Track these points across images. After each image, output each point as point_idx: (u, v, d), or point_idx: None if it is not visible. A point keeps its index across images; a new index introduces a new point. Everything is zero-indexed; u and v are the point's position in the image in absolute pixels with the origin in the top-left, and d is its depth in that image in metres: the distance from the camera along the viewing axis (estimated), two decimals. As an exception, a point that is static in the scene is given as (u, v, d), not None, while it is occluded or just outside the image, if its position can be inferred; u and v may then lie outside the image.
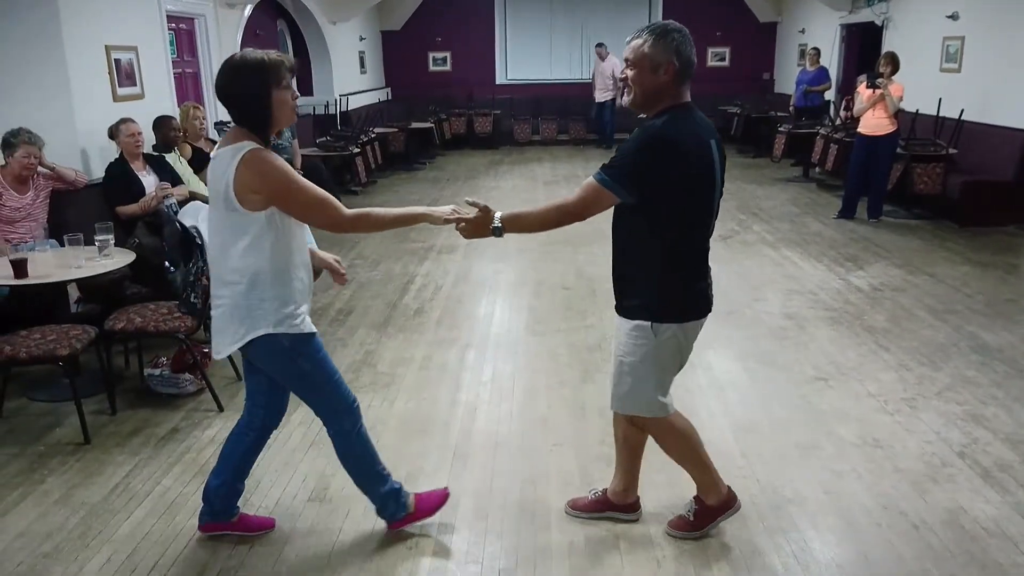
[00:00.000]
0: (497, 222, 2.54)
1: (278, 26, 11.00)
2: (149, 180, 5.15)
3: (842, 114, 9.71)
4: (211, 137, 6.54)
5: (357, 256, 6.83)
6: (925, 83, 8.62)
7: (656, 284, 2.52)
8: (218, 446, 3.52)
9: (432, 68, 15.18)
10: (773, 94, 14.21)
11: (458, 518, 2.97)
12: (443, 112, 13.75)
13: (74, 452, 3.52)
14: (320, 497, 3.13)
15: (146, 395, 4.08)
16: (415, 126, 12.46)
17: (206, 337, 4.65)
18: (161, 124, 5.66)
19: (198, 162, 5.96)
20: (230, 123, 8.12)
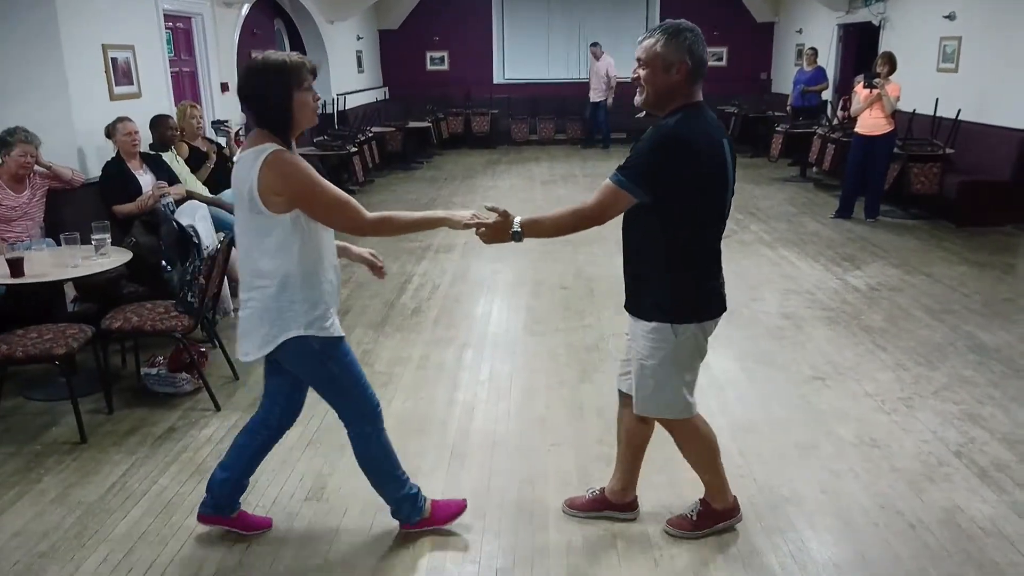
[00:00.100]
0: (516, 227, 2.53)
1: (275, 25, 10.98)
2: (146, 179, 5.14)
3: (839, 114, 9.71)
4: (208, 136, 6.53)
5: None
6: (922, 83, 8.63)
7: (671, 284, 2.51)
8: (215, 445, 3.54)
9: (430, 67, 15.16)
10: (770, 94, 14.23)
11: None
12: (440, 111, 13.74)
13: (71, 451, 3.51)
14: (317, 496, 3.12)
15: (143, 394, 4.07)
16: (412, 125, 12.45)
17: (203, 336, 4.65)
18: (158, 123, 5.65)
19: (195, 161, 5.95)
20: (227, 122, 8.08)
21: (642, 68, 2.45)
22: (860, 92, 7.56)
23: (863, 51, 11.21)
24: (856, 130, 7.71)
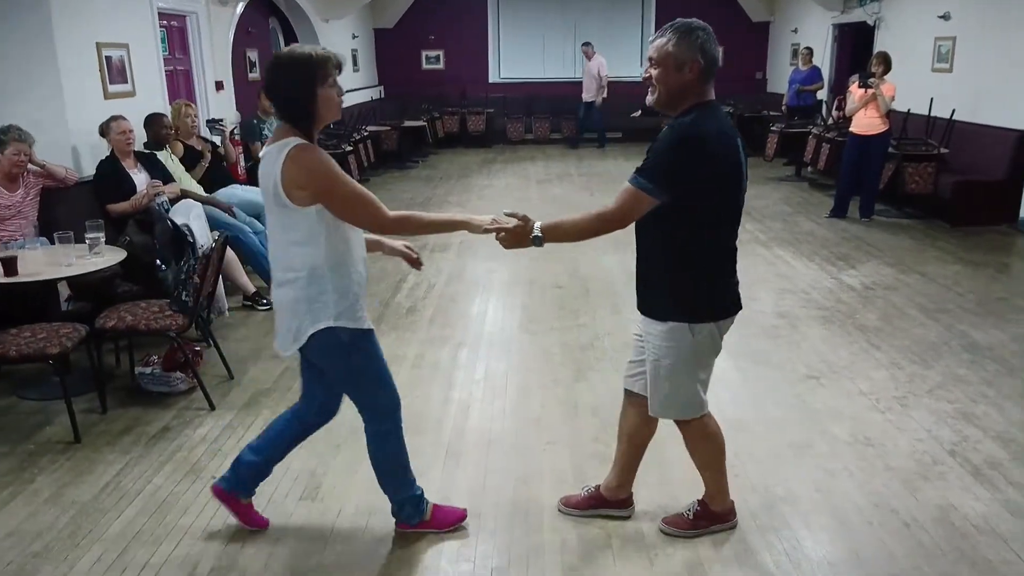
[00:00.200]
0: (537, 231, 2.51)
1: (270, 24, 10.96)
2: (140, 178, 5.12)
3: (834, 113, 9.73)
4: (203, 135, 6.51)
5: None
6: (917, 83, 8.64)
7: (688, 284, 2.50)
8: (209, 444, 3.53)
9: (425, 66, 15.15)
10: (766, 93, 14.25)
11: (451, 517, 2.97)
12: (436, 110, 13.73)
13: (64, 451, 3.50)
14: (312, 496, 3.12)
15: (137, 394, 4.06)
16: (408, 124, 12.43)
17: (198, 335, 4.64)
18: (152, 122, 5.63)
19: (190, 160, 5.93)
20: (222, 120, 8.04)
21: (654, 67, 2.44)
22: (855, 92, 7.58)
23: (858, 51, 11.23)
24: (851, 130, 7.73)
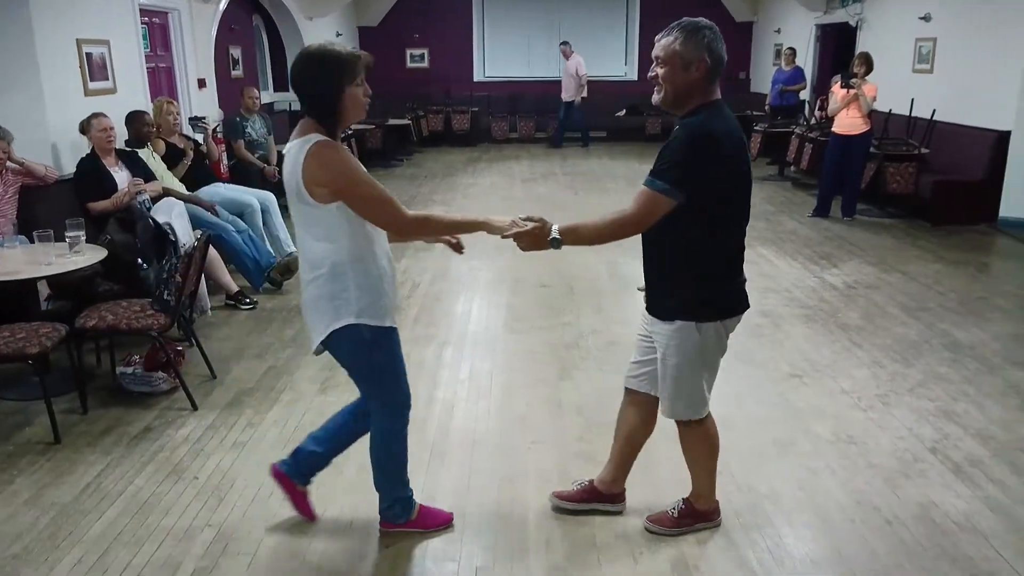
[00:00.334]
0: (556, 233, 2.50)
1: (253, 21, 10.90)
2: (121, 176, 5.07)
3: (817, 113, 9.80)
4: (185, 133, 6.46)
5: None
6: (898, 83, 8.72)
7: (700, 282, 2.51)
8: (192, 445, 3.50)
9: (410, 65, 15.12)
10: (749, 93, 14.32)
11: (435, 516, 2.96)
12: (421, 109, 13.70)
13: (44, 452, 3.46)
14: (296, 496, 3.10)
15: (118, 394, 4.02)
16: (392, 123, 12.39)
17: (180, 335, 4.60)
18: (134, 119, 5.58)
19: (172, 158, 5.89)
20: (204, 118, 7.96)
21: (660, 66, 2.43)
22: (837, 92, 7.63)
23: (840, 51, 11.32)
24: (833, 130, 7.78)
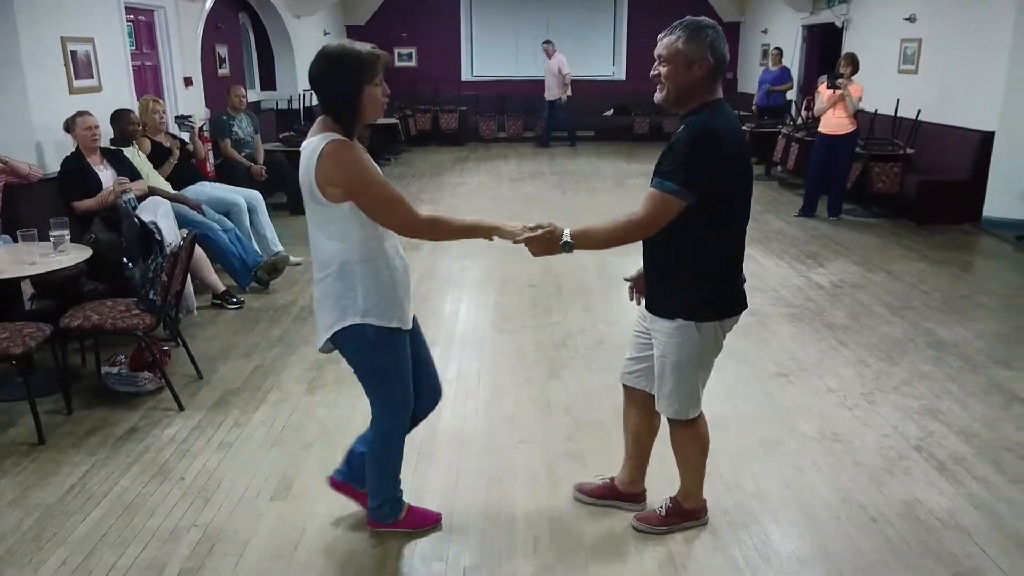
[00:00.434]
0: (567, 237, 2.50)
1: (240, 19, 10.85)
2: (106, 174, 5.04)
3: (803, 114, 9.85)
4: (171, 131, 6.42)
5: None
6: (884, 84, 8.78)
7: (700, 282, 2.51)
8: (178, 445, 3.48)
9: (397, 63, 15.05)
10: (736, 93, 14.35)
11: (423, 516, 2.95)
12: (408, 108, 13.67)
13: (28, 452, 3.43)
14: (283, 496, 3.09)
15: (103, 394, 3.99)
16: (380, 122, 12.30)
17: (165, 334, 4.58)
18: (119, 117, 5.54)
19: (157, 157, 5.85)
20: (191, 117, 7.90)
21: (663, 65, 2.44)
22: (823, 92, 7.67)
23: (827, 52, 11.39)
24: (819, 130, 7.82)
